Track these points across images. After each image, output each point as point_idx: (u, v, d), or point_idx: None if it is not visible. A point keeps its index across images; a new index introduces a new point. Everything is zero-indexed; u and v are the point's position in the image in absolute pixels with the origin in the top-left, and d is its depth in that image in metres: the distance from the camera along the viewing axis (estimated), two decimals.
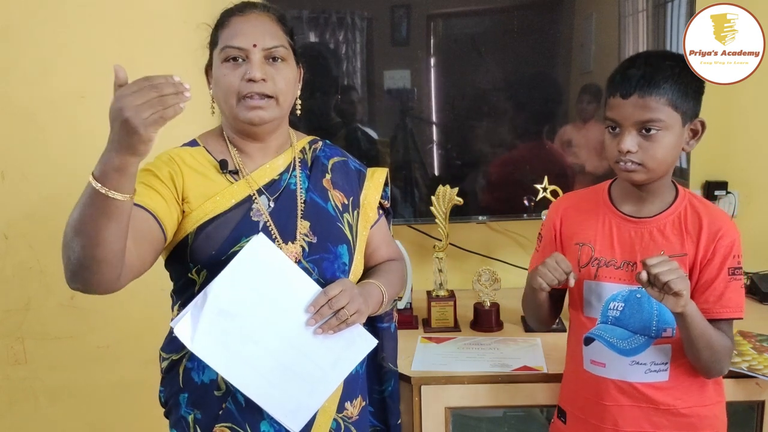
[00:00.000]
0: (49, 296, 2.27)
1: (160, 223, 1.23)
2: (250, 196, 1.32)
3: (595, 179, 2.14)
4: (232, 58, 1.28)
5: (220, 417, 1.30)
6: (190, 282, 1.30)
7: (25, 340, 2.30)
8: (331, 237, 1.36)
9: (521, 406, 1.75)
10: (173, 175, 1.28)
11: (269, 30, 1.29)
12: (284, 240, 1.31)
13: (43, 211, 2.21)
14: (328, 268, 1.34)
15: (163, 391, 1.41)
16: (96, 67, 2.16)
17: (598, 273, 1.38)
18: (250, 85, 1.26)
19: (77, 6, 2.13)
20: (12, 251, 2.25)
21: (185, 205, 1.28)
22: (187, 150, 1.34)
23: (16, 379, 2.33)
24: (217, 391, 1.31)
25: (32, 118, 2.18)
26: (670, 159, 1.30)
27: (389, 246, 1.52)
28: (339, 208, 1.40)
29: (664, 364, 1.36)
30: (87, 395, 2.33)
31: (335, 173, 1.43)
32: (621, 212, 1.38)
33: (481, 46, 2.10)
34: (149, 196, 1.23)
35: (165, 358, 1.38)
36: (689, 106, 1.28)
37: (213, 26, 1.35)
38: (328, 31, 2.06)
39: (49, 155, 2.20)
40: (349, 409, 1.40)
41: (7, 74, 2.16)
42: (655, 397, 1.37)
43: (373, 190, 1.47)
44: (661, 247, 1.33)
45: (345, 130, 2.14)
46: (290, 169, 1.38)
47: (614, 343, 1.35)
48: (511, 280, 2.24)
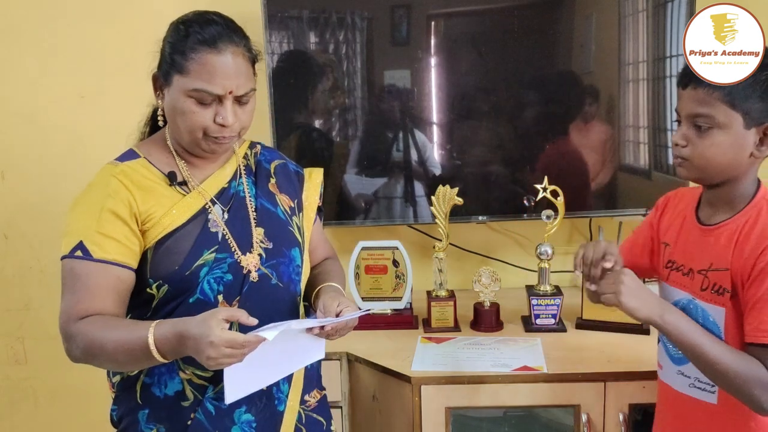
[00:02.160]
0: (49, 296, 2.26)
1: (132, 269, 1.26)
2: (204, 207, 1.31)
3: (595, 179, 2.15)
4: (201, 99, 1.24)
5: (189, 428, 1.29)
6: (147, 297, 1.28)
7: (25, 340, 2.30)
8: (285, 241, 1.38)
9: (521, 406, 1.74)
10: (131, 204, 1.26)
11: (243, 72, 1.26)
12: (242, 250, 1.31)
13: (43, 211, 2.21)
14: (284, 271, 1.36)
15: (115, 409, 1.38)
16: (96, 67, 2.17)
17: (670, 276, 1.35)
18: (221, 129, 1.26)
19: (77, 6, 2.13)
20: (12, 251, 2.25)
21: (143, 225, 1.27)
22: (129, 166, 1.30)
23: (17, 379, 2.33)
24: (184, 401, 1.30)
25: (32, 118, 2.18)
26: (723, 160, 1.21)
27: (325, 244, 1.57)
28: (288, 212, 1.42)
29: (711, 385, 1.27)
30: (87, 395, 2.33)
31: (278, 177, 1.45)
32: (697, 217, 1.32)
33: (481, 46, 2.10)
34: (121, 252, 1.24)
35: (117, 373, 1.36)
36: (755, 107, 1.19)
37: (173, 39, 1.27)
38: (328, 32, 2.06)
39: (49, 155, 2.20)
40: (309, 401, 1.45)
41: (7, 74, 2.16)
42: (699, 416, 1.30)
43: (312, 191, 1.49)
44: (711, 258, 1.26)
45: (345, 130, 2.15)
46: (236, 176, 1.38)
47: (668, 348, 1.33)
48: (511, 280, 2.25)
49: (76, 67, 2.16)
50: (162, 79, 1.29)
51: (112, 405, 1.39)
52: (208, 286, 1.27)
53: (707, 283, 1.26)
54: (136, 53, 2.16)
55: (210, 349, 1.08)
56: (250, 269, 1.31)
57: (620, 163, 2.14)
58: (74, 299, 1.23)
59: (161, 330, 1.15)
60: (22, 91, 2.17)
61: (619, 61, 2.08)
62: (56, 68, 2.16)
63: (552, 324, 1.93)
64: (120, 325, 1.20)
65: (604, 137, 2.12)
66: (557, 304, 1.93)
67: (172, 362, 1.27)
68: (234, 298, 1.29)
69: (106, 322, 1.20)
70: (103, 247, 1.22)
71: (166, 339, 1.14)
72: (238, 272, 1.30)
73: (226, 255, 1.29)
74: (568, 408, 1.70)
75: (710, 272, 1.26)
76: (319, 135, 2.12)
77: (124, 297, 1.25)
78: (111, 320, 1.21)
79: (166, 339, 1.14)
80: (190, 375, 1.30)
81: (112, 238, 1.23)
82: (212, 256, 1.28)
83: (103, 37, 2.14)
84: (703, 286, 1.27)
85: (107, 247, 1.22)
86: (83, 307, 1.22)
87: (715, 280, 1.25)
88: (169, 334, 1.14)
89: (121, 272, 1.24)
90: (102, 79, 2.17)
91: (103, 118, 2.18)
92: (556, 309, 1.93)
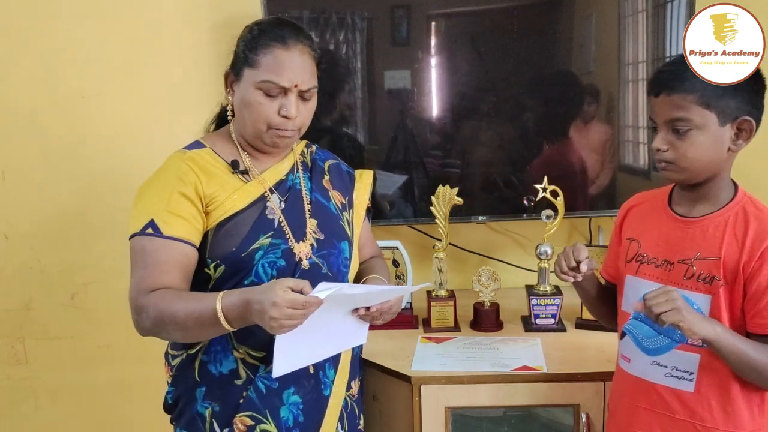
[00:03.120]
0: (49, 296, 2.27)
1: (196, 247, 1.35)
2: (263, 195, 1.41)
3: (595, 179, 2.15)
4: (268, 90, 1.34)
5: (241, 406, 1.36)
6: (205, 277, 1.36)
7: (25, 340, 2.30)
8: (335, 234, 1.47)
9: (521, 406, 1.74)
10: (197, 186, 1.35)
11: (309, 69, 1.37)
12: (296, 238, 1.40)
13: (44, 211, 2.21)
14: (334, 262, 1.45)
15: (172, 391, 1.44)
16: (96, 67, 2.17)
17: (640, 269, 1.39)
18: (285, 122, 1.36)
19: (77, 6, 2.13)
20: (12, 251, 2.25)
21: (207, 207, 1.36)
22: (196, 153, 1.41)
23: (17, 379, 2.33)
24: (237, 380, 1.37)
25: (33, 118, 2.18)
26: (705, 158, 1.27)
27: (373, 243, 1.66)
28: (339, 207, 1.51)
29: (689, 373, 1.32)
30: (87, 395, 2.33)
31: (332, 174, 1.55)
32: (674, 212, 1.37)
33: (481, 46, 2.10)
34: (188, 230, 1.33)
35: (177, 355, 1.43)
36: (727, 105, 1.24)
37: (247, 38, 1.38)
38: (329, 32, 2.06)
39: (50, 155, 2.20)
40: (353, 388, 1.54)
41: (8, 74, 2.16)
42: (673, 406, 1.34)
43: (362, 191, 1.59)
44: (699, 248, 1.31)
45: (344, 131, 2.14)
46: (294, 170, 1.48)
47: (640, 340, 1.35)
48: (511, 280, 2.25)
49: (76, 67, 2.15)
50: (233, 76, 1.40)
51: (168, 388, 1.45)
52: (262, 270, 1.36)
53: (692, 272, 1.31)
54: (136, 53, 2.19)
55: (273, 309, 1.14)
56: (301, 257, 1.40)
57: (620, 163, 2.14)
58: (145, 273, 1.30)
59: (228, 299, 1.22)
60: (22, 91, 2.17)
61: (619, 61, 2.08)
62: (56, 68, 2.16)
63: (552, 324, 1.93)
64: (189, 297, 1.29)
65: (603, 137, 2.12)
66: (557, 304, 1.93)
67: (227, 341, 1.37)
68: None
69: (176, 294, 1.29)
70: (171, 225, 1.31)
71: (234, 306, 1.21)
72: (290, 258, 1.39)
73: (280, 241, 1.38)
74: (568, 408, 1.70)
75: (697, 261, 1.31)
76: (319, 135, 2.12)
77: (189, 273, 1.34)
78: (180, 292, 1.30)
79: (233, 306, 1.21)
80: (243, 354, 1.38)
81: (180, 216, 1.32)
82: (267, 241, 1.37)
83: (103, 37, 2.14)
84: (687, 275, 1.32)
85: (176, 225, 1.32)
86: (154, 280, 1.29)
87: (702, 269, 1.30)
88: (236, 301, 1.21)
89: (187, 249, 1.33)
90: (102, 79, 2.17)
91: (103, 118, 2.18)
92: (556, 309, 1.93)
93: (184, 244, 1.32)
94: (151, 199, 1.35)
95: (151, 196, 1.36)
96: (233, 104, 1.41)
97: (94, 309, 2.27)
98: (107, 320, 2.27)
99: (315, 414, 1.42)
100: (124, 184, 1.72)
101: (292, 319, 1.16)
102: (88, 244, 2.22)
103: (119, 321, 2.29)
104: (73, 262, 2.24)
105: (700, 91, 1.24)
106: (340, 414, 1.47)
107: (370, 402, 1.81)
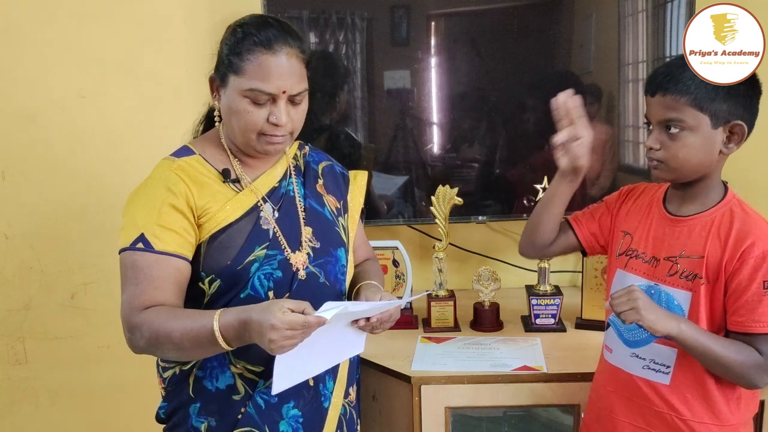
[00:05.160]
0: (49, 296, 2.27)
1: (189, 261, 1.30)
2: (256, 205, 1.35)
3: (595, 179, 2.14)
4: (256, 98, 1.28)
5: (239, 422, 1.32)
6: (198, 292, 1.31)
7: (25, 340, 2.30)
8: (331, 242, 1.42)
9: (521, 406, 1.74)
10: (188, 197, 1.30)
11: (297, 72, 1.29)
12: (291, 247, 1.35)
13: (44, 211, 2.21)
14: (331, 270, 1.41)
15: (165, 406, 1.40)
16: (96, 67, 2.17)
17: (629, 263, 1.42)
18: (274, 129, 1.29)
19: (77, 6, 2.13)
20: (12, 251, 2.25)
21: (199, 219, 1.30)
22: (186, 161, 1.34)
23: (17, 379, 2.33)
24: (235, 395, 1.33)
25: (32, 118, 2.18)
26: (695, 160, 1.29)
27: (366, 245, 1.62)
28: (334, 213, 1.46)
29: (666, 366, 1.36)
30: (87, 395, 2.33)
31: (326, 178, 1.49)
32: (666, 210, 1.39)
33: (481, 47, 2.10)
34: (180, 244, 1.28)
35: (168, 368, 1.38)
36: (720, 108, 1.26)
37: (230, 41, 1.30)
38: (328, 32, 2.06)
39: (50, 155, 2.20)
40: (351, 394, 1.50)
41: (7, 74, 2.16)
42: (651, 397, 1.37)
43: (357, 193, 1.54)
44: (683, 247, 1.34)
45: (344, 131, 2.14)
46: (287, 176, 1.43)
47: (621, 332, 1.39)
48: (511, 280, 2.25)
49: (76, 67, 2.15)
50: (218, 81, 1.33)
51: (161, 402, 1.41)
52: (258, 282, 1.31)
53: (676, 269, 1.33)
54: (136, 53, 2.18)
55: (272, 332, 1.11)
56: (298, 267, 1.35)
57: (620, 163, 2.14)
58: (137, 290, 1.25)
59: (226, 318, 1.18)
60: (22, 91, 2.17)
61: (619, 62, 2.08)
62: (56, 68, 2.16)
63: (552, 324, 1.94)
64: (185, 315, 1.24)
65: (604, 137, 2.12)
66: (557, 304, 1.93)
67: (224, 356, 1.31)
68: (283, 294, 1.33)
69: (170, 311, 1.24)
70: (163, 239, 1.26)
71: (231, 326, 1.17)
72: (287, 269, 1.34)
73: (276, 252, 1.33)
74: (568, 408, 1.71)
75: (681, 259, 1.33)
76: (319, 135, 2.13)
77: (182, 288, 1.29)
78: (175, 310, 1.25)
79: (231, 326, 1.17)
80: (241, 369, 1.33)
81: (172, 230, 1.27)
82: (263, 252, 1.32)
83: (103, 37, 2.14)
84: (670, 272, 1.34)
85: (167, 240, 1.26)
86: (147, 298, 1.25)
87: (685, 266, 1.33)
88: (234, 321, 1.17)
89: (180, 263, 1.28)
90: (102, 79, 2.17)
91: (103, 118, 2.18)
92: (556, 309, 1.93)
93: (176, 258, 1.27)
94: (140, 212, 1.29)
95: (140, 208, 1.29)
96: (220, 110, 1.34)
97: (94, 309, 2.27)
98: (107, 320, 2.26)
99: (314, 426, 1.39)
100: (123, 184, 1.71)
101: (291, 340, 1.14)
102: (88, 244, 2.22)
103: (119, 321, 2.29)
104: (73, 262, 2.24)
105: (693, 93, 1.25)
106: (339, 421, 1.45)
107: (370, 402, 1.81)
